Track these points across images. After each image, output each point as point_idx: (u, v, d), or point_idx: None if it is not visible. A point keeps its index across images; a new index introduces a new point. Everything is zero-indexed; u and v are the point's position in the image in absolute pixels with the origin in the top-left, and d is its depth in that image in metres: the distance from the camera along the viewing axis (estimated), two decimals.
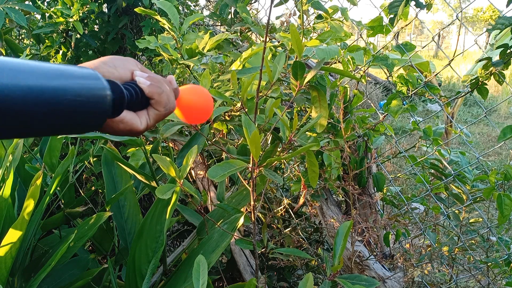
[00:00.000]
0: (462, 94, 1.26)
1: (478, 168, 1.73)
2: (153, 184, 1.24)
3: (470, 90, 1.22)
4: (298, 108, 1.40)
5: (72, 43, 1.96)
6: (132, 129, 0.48)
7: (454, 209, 1.55)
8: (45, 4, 2.05)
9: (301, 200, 1.53)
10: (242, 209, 1.18)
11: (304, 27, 1.13)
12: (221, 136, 1.48)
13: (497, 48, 1.12)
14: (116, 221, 1.35)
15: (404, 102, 1.28)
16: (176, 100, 0.55)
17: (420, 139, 1.50)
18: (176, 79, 1.45)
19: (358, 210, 1.39)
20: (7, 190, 1.09)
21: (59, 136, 1.26)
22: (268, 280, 1.52)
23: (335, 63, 1.32)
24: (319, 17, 1.25)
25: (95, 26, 2.12)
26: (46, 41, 1.99)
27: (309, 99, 1.12)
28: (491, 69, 1.14)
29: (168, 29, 1.25)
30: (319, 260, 1.46)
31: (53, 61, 2.01)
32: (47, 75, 0.37)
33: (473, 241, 1.50)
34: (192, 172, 1.68)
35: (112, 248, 1.40)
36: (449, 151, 1.54)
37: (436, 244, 1.43)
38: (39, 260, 1.23)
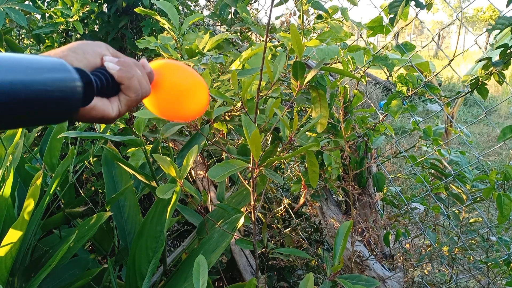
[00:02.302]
0: (462, 94, 1.26)
1: (478, 168, 1.73)
2: (153, 184, 1.24)
3: (470, 90, 1.22)
4: (298, 108, 1.40)
5: None
6: (104, 116, 0.47)
7: (454, 209, 1.55)
8: (45, 4, 2.05)
9: (301, 200, 1.53)
10: (242, 209, 1.18)
11: (304, 27, 1.13)
12: (221, 136, 1.48)
13: (497, 48, 1.12)
14: (116, 221, 1.35)
15: (404, 102, 1.28)
16: (151, 84, 0.52)
17: (420, 139, 1.50)
18: None
19: (358, 210, 1.39)
20: (7, 190, 1.09)
21: (59, 136, 1.26)
22: (268, 280, 1.52)
23: (335, 63, 1.32)
24: (319, 17, 1.25)
25: (95, 26, 2.12)
26: (46, 41, 1.99)
27: (309, 99, 1.12)
28: (491, 69, 1.14)
29: (168, 29, 1.25)
30: (319, 260, 1.46)
31: None
32: (14, 69, 0.36)
33: (473, 241, 1.50)
34: (192, 172, 1.68)
35: (112, 248, 1.40)
36: (449, 151, 1.54)
37: (436, 244, 1.43)
38: (39, 260, 1.23)
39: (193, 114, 0.58)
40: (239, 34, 1.61)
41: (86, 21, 2.04)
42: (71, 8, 1.85)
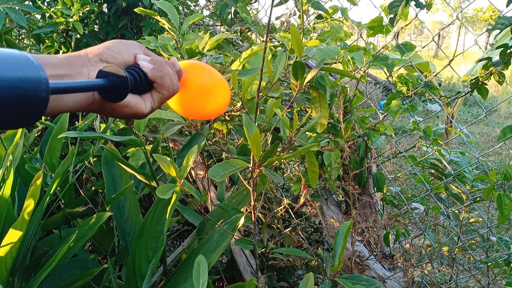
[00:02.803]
0: (462, 94, 1.26)
1: (478, 168, 1.73)
2: (153, 184, 1.24)
3: (470, 90, 1.22)
4: (298, 108, 1.40)
5: (72, 43, 1.96)
6: (137, 112, 0.48)
7: (454, 209, 1.55)
8: (45, 4, 2.05)
9: (301, 200, 1.53)
10: (242, 209, 1.18)
11: (304, 27, 1.13)
12: (221, 136, 1.48)
13: (497, 48, 1.12)
14: (116, 221, 1.35)
15: (404, 102, 1.28)
16: (180, 82, 0.54)
17: (420, 139, 1.50)
18: None
19: (358, 210, 1.39)
20: (7, 190, 1.09)
21: (59, 136, 1.26)
22: (268, 280, 1.52)
23: (335, 63, 1.32)
24: (319, 17, 1.25)
25: (95, 26, 2.11)
26: (46, 41, 1.99)
27: (309, 99, 1.12)
28: (491, 69, 1.14)
29: (168, 29, 1.25)
30: (319, 260, 1.46)
31: None
32: None
33: (473, 241, 1.50)
34: (192, 172, 1.68)
35: (112, 248, 1.40)
36: (449, 151, 1.54)
37: (436, 244, 1.43)
38: (39, 260, 1.23)
39: (215, 112, 0.60)
40: (239, 34, 1.61)
41: (86, 21, 2.04)
42: (71, 8, 1.85)
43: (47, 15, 1.97)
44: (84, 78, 0.45)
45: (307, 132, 1.12)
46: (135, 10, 1.30)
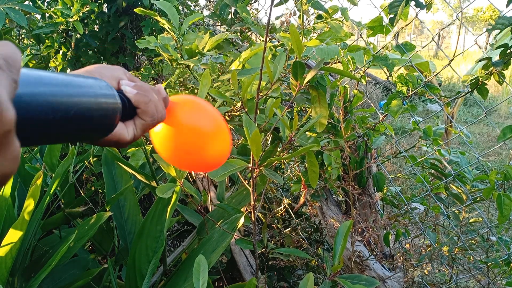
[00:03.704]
0: (462, 94, 1.26)
1: (478, 168, 1.73)
2: (153, 184, 1.24)
3: (470, 90, 1.22)
4: (298, 108, 1.40)
5: (72, 43, 1.96)
6: (119, 139, 0.46)
7: (454, 209, 1.55)
8: (45, 4, 2.05)
9: (301, 200, 1.53)
10: (242, 209, 1.18)
11: (304, 27, 1.13)
12: None
13: (497, 48, 1.12)
14: (116, 221, 1.35)
15: (404, 102, 1.28)
16: (166, 112, 0.51)
17: (420, 139, 1.50)
18: (176, 79, 1.45)
19: (358, 210, 1.39)
20: (7, 190, 1.09)
21: None
22: (268, 280, 1.52)
23: (335, 63, 1.32)
24: (319, 17, 1.25)
25: (95, 26, 2.12)
26: (46, 41, 1.99)
27: (309, 99, 1.12)
28: (491, 69, 1.14)
29: (168, 29, 1.25)
30: (319, 260, 1.46)
31: (53, 61, 2.01)
32: (64, 85, 0.37)
33: (473, 241, 1.50)
34: (192, 172, 1.68)
35: (112, 248, 1.40)
36: (449, 151, 1.54)
37: (436, 244, 1.43)
38: (39, 260, 1.23)
39: (210, 163, 0.52)
40: (239, 34, 1.61)
41: (86, 21, 2.04)
42: (71, 8, 1.85)
43: (47, 15, 1.97)
44: None
45: (307, 132, 1.12)
46: (135, 10, 1.30)
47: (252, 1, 1.88)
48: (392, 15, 1.15)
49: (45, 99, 0.34)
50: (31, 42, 2.41)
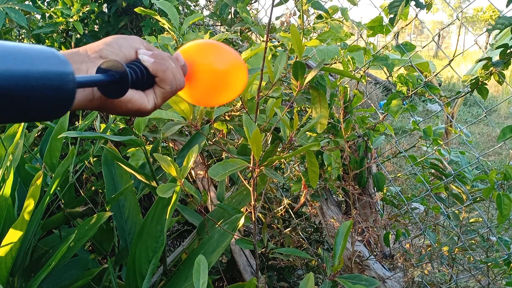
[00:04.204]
0: (462, 94, 1.26)
1: (478, 168, 1.73)
2: (153, 184, 1.24)
3: (470, 90, 1.22)
4: (298, 108, 1.40)
5: (72, 43, 1.96)
6: (140, 108, 0.47)
7: (454, 209, 1.55)
8: (45, 4, 2.05)
9: (301, 200, 1.53)
10: (242, 209, 1.18)
11: (304, 27, 1.13)
12: (221, 136, 1.48)
13: (497, 48, 1.12)
14: (116, 221, 1.35)
15: (404, 102, 1.28)
16: (186, 76, 0.52)
17: (420, 139, 1.50)
18: None
19: (358, 210, 1.39)
20: (7, 190, 1.09)
21: (59, 136, 1.26)
22: (268, 280, 1.52)
23: (335, 63, 1.32)
24: (319, 17, 1.25)
25: (95, 26, 2.12)
26: (46, 41, 1.99)
27: (309, 99, 1.12)
28: (491, 69, 1.14)
29: (168, 29, 1.25)
30: (319, 260, 1.46)
31: None
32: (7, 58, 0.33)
33: (473, 241, 1.50)
34: (192, 172, 1.68)
35: (112, 248, 1.40)
36: (449, 151, 1.54)
37: (436, 244, 1.43)
38: (39, 260, 1.23)
39: (231, 96, 0.55)
40: (239, 34, 1.61)
41: (86, 21, 2.04)
42: (71, 8, 1.85)
43: (47, 15, 1.97)
44: (82, 74, 0.43)
45: (307, 132, 1.12)
46: (135, 10, 1.30)
47: (252, 1, 1.88)
48: (392, 15, 1.15)
49: None
50: (31, 42, 2.41)
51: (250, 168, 0.90)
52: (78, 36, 1.95)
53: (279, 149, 1.06)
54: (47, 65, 0.36)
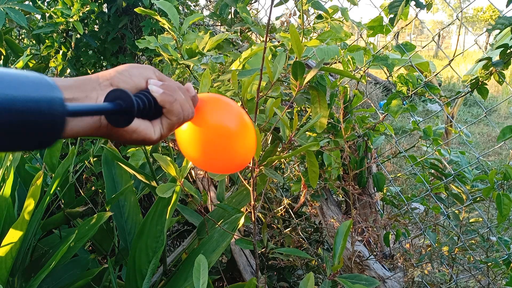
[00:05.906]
0: (462, 94, 1.26)
1: (478, 168, 1.73)
2: (153, 184, 1.24)
3: (470, 90, 1.22)
4: (298, 108, 1.40)
5: (72, 43, 1.96)
6: (146, 138, 0.47)
7: (454, 209, 1.55)
8: (45, 4, 2.05)
9: (301, 200, 1.53)
10: (242, 209, 1.18)
11: (304, 27, 1.13)
12: None
13: (497, 48, 1.12)
14: (116, 221, 1.35)
15: (404, 102, 1.28)
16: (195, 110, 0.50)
17: (420, 139, 1.50)
18: (176, 79, 1.45)
19: (358, 210, 1.39)
20: (7, 190, 1.09)
21: None
22: (268, 280, 1.52)
23: (335, 63, 1.32)
24: (319, 17, 1.25)
25: (95, 26, 2.12)
26: (46, 41, 1.99)
27: (309, 99, 1.12)
28: (491, 69, 1.14)
29: (168, 29, 1.25)
30: (319, 260, 1.46)
31: (53, 61, 2.01)
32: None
33: (473, 241, 1.50)
34: (192, 172, 1.68)
35: (112, 248, 1.40)
36: (449, 151, 1.54)
37: (436, 244, 1.43)
38: (39, 260, 1.23)
39: (237, 163, 0.52)
40: (239, 34, 1.61)
41: (86, 21, 2.04)
42: (71, 8, 1.85)
43: (47, 15, 1.97)
44: (92, 102, 0.43)
45: (307, 132, 1.12)
46: (135, 10, 1.30)
47: (252, 1, 1.88)
48: (392, 15, 1.15)
49: None
50: (31, 42, 2.41)
51: (250, 168, 0.90)
52: (78, 36, 1.95)
53: (279, 149, 1.06)
54: (35, 90, 0.34)
